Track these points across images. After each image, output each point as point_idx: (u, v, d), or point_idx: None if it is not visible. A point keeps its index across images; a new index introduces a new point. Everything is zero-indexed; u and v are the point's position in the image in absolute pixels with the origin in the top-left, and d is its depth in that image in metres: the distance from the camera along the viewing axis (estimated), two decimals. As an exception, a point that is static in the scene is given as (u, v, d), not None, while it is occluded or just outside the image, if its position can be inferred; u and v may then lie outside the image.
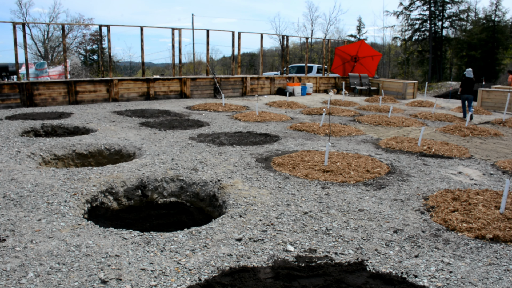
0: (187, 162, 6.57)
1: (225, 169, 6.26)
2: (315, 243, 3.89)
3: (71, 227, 4.08)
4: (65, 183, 5.35)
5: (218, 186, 5.46)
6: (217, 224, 4.25)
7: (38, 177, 5.59)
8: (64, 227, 4.07)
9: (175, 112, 12.57)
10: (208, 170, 6.14)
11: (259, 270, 3.36)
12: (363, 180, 5.95)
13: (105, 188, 5.37)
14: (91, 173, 5.82)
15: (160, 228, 5.14)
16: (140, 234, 3.95)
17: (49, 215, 4.33)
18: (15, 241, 3.72)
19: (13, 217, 4.26)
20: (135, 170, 6.00)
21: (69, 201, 4.76)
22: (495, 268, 3.54)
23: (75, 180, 5.50)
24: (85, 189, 5.17)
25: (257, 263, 3.48)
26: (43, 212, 4.42)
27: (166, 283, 3.13)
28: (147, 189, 5.67)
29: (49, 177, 5.60)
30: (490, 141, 9.62)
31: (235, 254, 3.61)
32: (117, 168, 6.08)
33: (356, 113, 13.76)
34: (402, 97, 20.30)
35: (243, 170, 6.21)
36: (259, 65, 28.72)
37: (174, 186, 5.74)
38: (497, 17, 40.89)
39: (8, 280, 3.08)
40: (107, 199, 5.34)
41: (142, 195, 5.65)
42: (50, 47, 38.25)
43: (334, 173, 6.14)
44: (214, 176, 5.86)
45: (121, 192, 5.48)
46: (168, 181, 5.77)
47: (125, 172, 5.89)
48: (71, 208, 4.61)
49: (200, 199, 5.55)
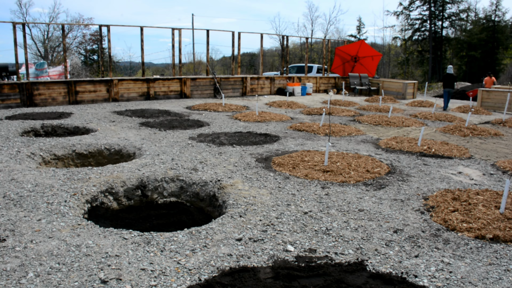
0: (187, 162, 6.57)
1: (225, 169, 6.26)
2: (315, 243, 3.89)
3: (71, 227, 4.08)
4: (65, 183, 5.35)
5: (218, 186, 5.46)
6: (217, 224, 4.25)
7: (38, 177, 5.59)
8: (64, 227, 4.07)
9: (175, 112, 12.57)
10: (208, 170, 6.14)
11: (259, 270, 3.36)
12: (363, 180, 5.95)
13: (105, 188, 5.37)
14: (91, 173, 5.82)
15: (160, 228, 5.13)
16: (140, 234, 3.95)
17: (49, 215, 4.33)
18: (15, 241, 3.72)
19: (13, 217, 4.26)
20: (135, 170, 6.00)
21: (69, 201, 4.76)
22: (495, 268, 3.54)
23: (75, 180, 5.50)
24: (85, 189, 5.17)
25: (257, 263, 3.48)
26: (43, 212, 4.42)
27: (166, 283, 3.13)
28: (147, 189, 5.67)
29: (49, 177, 5.60)
30: (490, 141, 9.62)
31: (235, 254, 3.61)
32: (117, 168, 6.08)
33: (356, 113, 13.77)
34: (402, 97, 20.29)
35: (243, 170, 6.21)
36: (259, 65, 28.71)
37: (174, 186, 5.74)
38: (497, 17, 40.90)
39: (8, 280, 3.08)
40: (107, 199, 5.34)
41: (142, 195, 5.65)
42: (50, 47, 38.26)
43: (334, 173, 6.14)
44: (214, 176, 5.86)
45: (121, 192, 5.48)
46: (168, 181, 5.77)
47: (125, 172, 5.89)
48: (71, 208, 4.61)
49: (200, 199, 5.55)
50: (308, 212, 4.65)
